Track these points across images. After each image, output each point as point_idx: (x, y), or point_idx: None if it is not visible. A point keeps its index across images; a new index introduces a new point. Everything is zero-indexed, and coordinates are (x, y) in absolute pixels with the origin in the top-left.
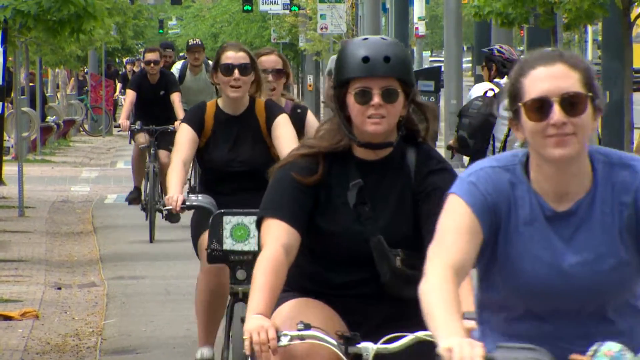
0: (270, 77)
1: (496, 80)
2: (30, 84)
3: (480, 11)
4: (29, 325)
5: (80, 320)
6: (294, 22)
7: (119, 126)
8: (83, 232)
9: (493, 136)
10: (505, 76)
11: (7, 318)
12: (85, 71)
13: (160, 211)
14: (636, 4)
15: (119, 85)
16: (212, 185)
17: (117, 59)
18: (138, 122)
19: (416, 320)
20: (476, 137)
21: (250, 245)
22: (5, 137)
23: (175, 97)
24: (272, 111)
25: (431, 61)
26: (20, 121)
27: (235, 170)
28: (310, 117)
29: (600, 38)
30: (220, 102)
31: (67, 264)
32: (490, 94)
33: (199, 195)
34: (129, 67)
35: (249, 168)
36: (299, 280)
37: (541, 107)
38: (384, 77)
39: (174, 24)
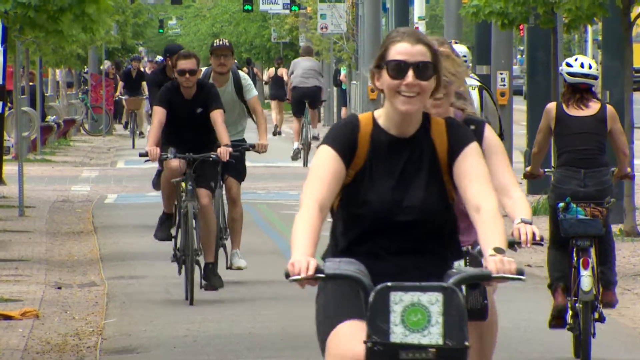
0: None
1: None
2: (30, 84)
3: (480, 11)
4: (29, 325)
5: (81, 319)
6: (294, 22)
7: (145, 154)
8: (83, 232)
9: None
10: None
11: (8, 317)
12: (86, 70)
13: (198, 263)
14: (636, 3)
15: (120, 85)
16: (360, 244)
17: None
18: (170, 149)
19: None
20: None
21: (431, 337)
22: (6, 136)
23: (218, 116)
24: (459, 135)
25: None
26: (21, 121)
27: (399, 220)
28: (489, 134)
29: (600, 38)
30: (379, 116)
31: (67, 264)
32: None
33: (340, 259)
34: (134, 64)
35: (418, 217)
36: None
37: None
38: None
39: (174, 23)
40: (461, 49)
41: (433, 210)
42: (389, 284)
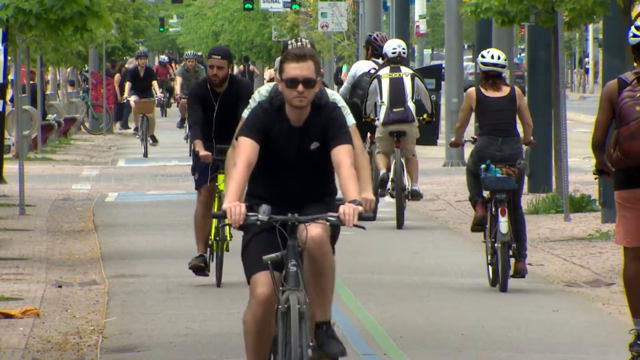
0: None
1: (374, 59)
2: (31, 82)
3: (479, 8)
4: (30, 324)
5: (81, 318)
6: (294, 20)
7: (223, 215)
8: (84, 230)
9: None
10: (380, 57)
11: (8, 316)
12: (87, 69)
13: None
14: (637, 2)
15: (127, 85)
16: None
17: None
18: (263, 208)
19: None
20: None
21: None
22: (6, 135)
23: (345, 155)
24: None
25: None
26: (21, 119)
27: None
28: None
29: (601, 36)
30: None
31: (68, 262)
32: (373, 71)
33: None
34: (140, 61)
35: None
36: None
37: None
38: None
39: (175, 22)
40: (397, 42)
41: None
42: None
